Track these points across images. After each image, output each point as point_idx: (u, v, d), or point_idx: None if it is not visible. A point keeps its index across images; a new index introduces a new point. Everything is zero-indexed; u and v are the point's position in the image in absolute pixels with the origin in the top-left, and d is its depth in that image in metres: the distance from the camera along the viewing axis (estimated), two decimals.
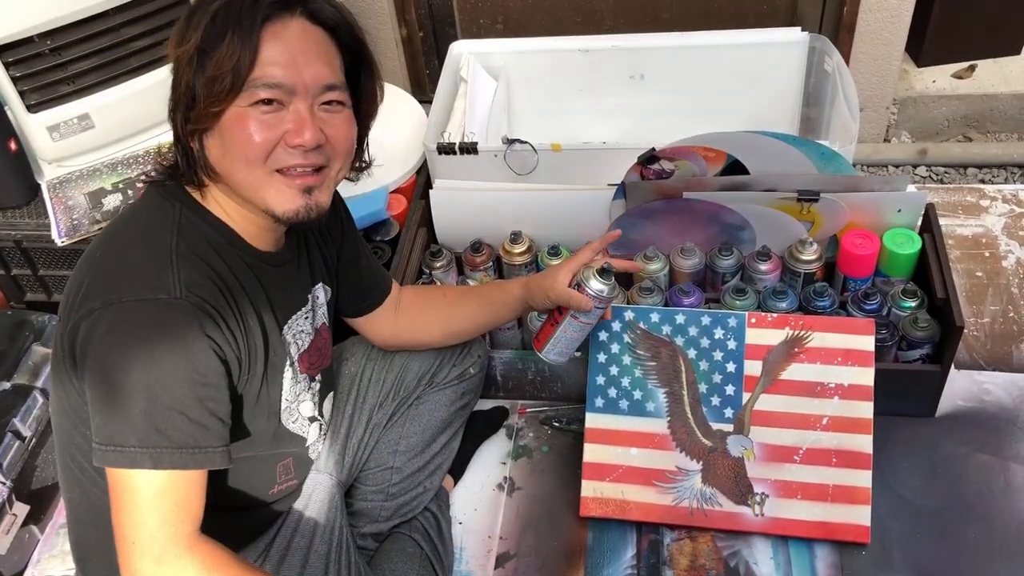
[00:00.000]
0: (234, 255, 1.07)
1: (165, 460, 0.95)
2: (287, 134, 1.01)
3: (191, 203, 1.07)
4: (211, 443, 0.98)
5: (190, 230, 1.04)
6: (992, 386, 1.66)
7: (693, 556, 1.45)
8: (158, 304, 0.96)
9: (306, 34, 1.02)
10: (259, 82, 0.98)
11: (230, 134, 1.00)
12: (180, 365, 0.96)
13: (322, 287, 1.27)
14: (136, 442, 0.94)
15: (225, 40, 0.97)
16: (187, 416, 0.96)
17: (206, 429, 0.97)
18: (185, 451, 0.96)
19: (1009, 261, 1.90)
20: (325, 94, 1.03)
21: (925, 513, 1.47)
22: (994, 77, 2.40)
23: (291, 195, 1.04)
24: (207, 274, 1.02)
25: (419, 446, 1.44)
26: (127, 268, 1.00)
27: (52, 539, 1.60)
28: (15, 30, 1.65)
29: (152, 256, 1.00)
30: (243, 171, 1.02)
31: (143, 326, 0.96)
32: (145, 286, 0.97)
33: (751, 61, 1.95)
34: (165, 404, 0.95)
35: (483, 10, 2.38)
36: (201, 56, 0.99)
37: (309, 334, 1.21)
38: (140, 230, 1.05)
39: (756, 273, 1.64)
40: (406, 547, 1.39)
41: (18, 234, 1.80)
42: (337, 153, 1.07)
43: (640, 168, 1.65)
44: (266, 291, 1.11)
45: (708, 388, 1.49)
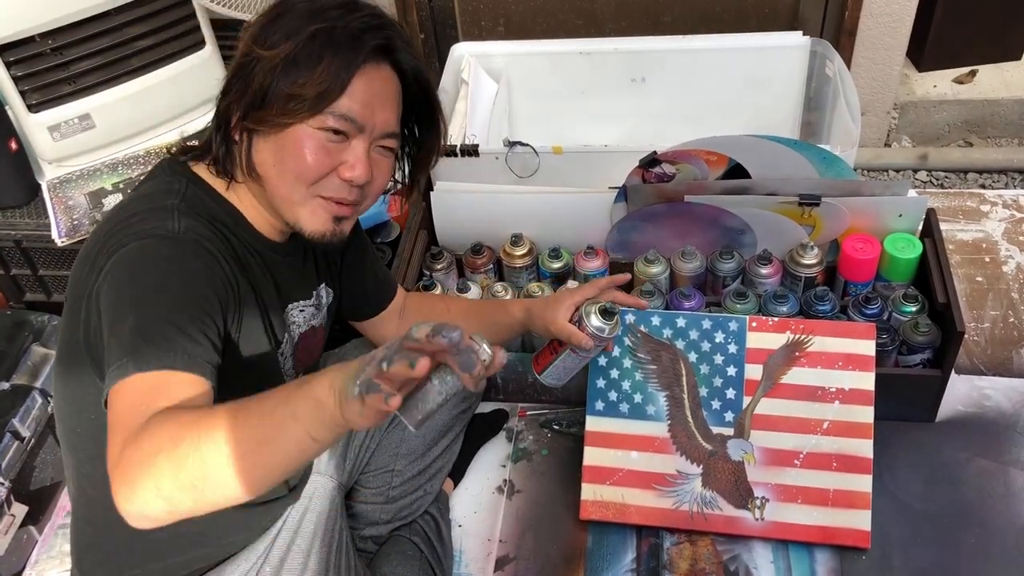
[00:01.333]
0: (238, 231, 1.09)
1: (151, 360, 0.88)
2: (342, 166, 1.05)
3: (198, 180, 1.09)
4: (202, 356, 0.92)
5: (193, 200, 1.06)
6: (992, 391, 1.66)
7: (693, 560, 1.45)
8: (155, 237, 0.98)
9: (389, 82, 1.07)
10: (337, 111, 1.02)
11: (291, 148, 1.03)
12: (173, 283, 0.95)
13: (325, 288, 1.28)
14: (121, 354, 0.88)
15: (320, 65, 1.00)
16: (177, 327, 0.91)
17: (197, 343, 0.92)
18: (174, 353, 0.89)
19: (1009, 266, 1.90)
20: (384, 140, 1.08)
21: (925, 518, 1.47)
22: (995, 82, 2.40)
23: (324, 219, 1.08)
24: (210, 228, 1.04)
25: (420, 449, 1.44)
26: (128, 224, 1.00)
27: (50, 540, 1.59)
28: (16, 30, 1.65)
29: (153, 211, 1.02)
30: (288, 185, 1.05)
31: (139, 257, 0.96)
32: (145, 232, 0.98)
33: (752, 65, 1.95)
34: (154, 316, 0.91)
35: (484, 12, 2.38)
36: (289, 67, 1.01)
37: (302, 327, 1.21)
38: (142, 198, 1.06)
39: (757, 277, 1.64)
40: (406, 550, 1.39)
41: (18, 234, 1.80)
42: (372, 193, 1.12)
43: (641, 171, 1.65)
44: (270, 273, 1.13)
45: (709, 392, 1.49)
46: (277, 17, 1.04)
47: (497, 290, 1.68)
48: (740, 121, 1.88)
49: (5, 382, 1.64)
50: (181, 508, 0.81)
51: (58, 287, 1.90)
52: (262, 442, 0.81)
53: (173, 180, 1.08)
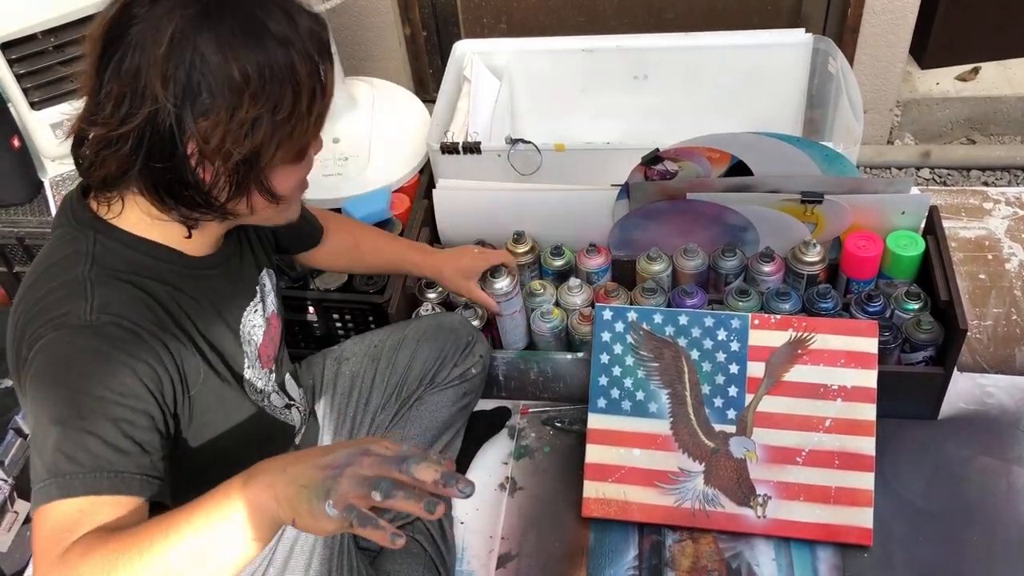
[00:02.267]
0: (164, 270, 1.01)
1: (76, 486, 0.84)
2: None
3: (104, 227, 0.99)
4: (129, 469, 0.87)
5: (106, 257, 0.98)
6: (995, 389, 1.66)
7: (695, 557, 1.45)
8: (65, 331, 0.91)
9: None
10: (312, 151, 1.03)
11: (307, 163, 1.04)
12: (92, 384, 0.88)
13: (267, 272, 1.23)
14: (45, 474, 0.84)
15: (312, 116, 0.96)
16: (101, 439, 0.86)
17: (124, 454, 0.87)
18: (100, 474, 0.84)
19: (1012, 264, 1.90)
20: None
21: (927, 515, 1.47)
22: (998, 79, 2.39)
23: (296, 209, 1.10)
24: (129, 293, 0.96)
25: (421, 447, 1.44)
26: (41, 307, 0.94)
27: None
28: (19, 27, 1.66)
29: (63, 288, 0.94)
30: (263, 214, 1.04)
31: (54, 356, 0.90)
32: (57, 319, 0.92)
33: (755, 62, 1.95)
34: (75, 427, 0.86)
35: (487, 9, 2.38)
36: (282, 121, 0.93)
37: (261, 326, 1.18)
38: (52, 267, 0.98)
39: (759, 274, 1.64)
40: (409, 548, 1.39)
41: (20, 231, 1.80)
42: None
43: (644, 169, 1.65)
44: (209, 298, 1.07)
45: (711, 389, 1.49)
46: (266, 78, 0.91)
47: None
48: (742, 118, 1.87)
49: (7, 380, 1.65)
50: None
51: None
52: (200, 557, 0.80)
53: (79, 237, 0.99)
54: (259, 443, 1.20)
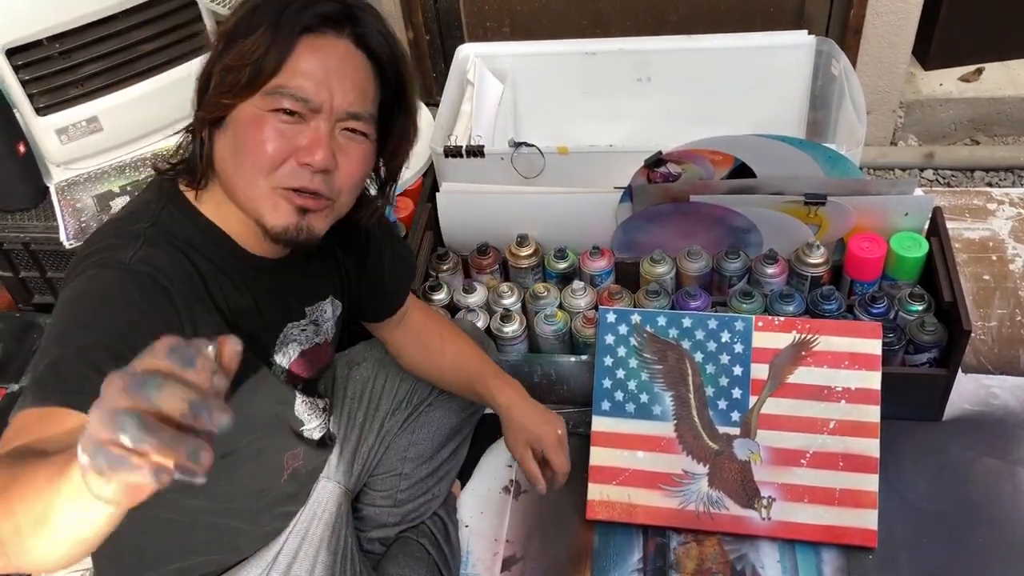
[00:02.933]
0: (215, 253, 1.01)
1: (51, 394, 0.80)
2: (300, 150, 0.96)
3: (179, 201, 1.02)
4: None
5: (168, 222, 0.99)
6: (999, 390, 1.65)
7: (700, 560, 1.45)
8: (105, 270, 0.92)
9: (347, 57, 0.98)
10: (286, 90, 0.94)
11: (243, 135, 0.96)
12: (108, 319, 0.87)
13: (331, 302, 1.21)
14: (30, 389, 0.82)
15: (256, 33, 0.93)
16: (94, 366, 0.82)
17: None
18: (80, 393, 0.78)
19: (1016, 264, 1.90)
20: (349, 121, 0.98)
21: (932, 517, 1.47)
22: (1001, 80, 2.39)
23: (286, 211, 0.98)
24: (175, 258, 0.96)
25: (428, 452, 1.44)
26: (97, 251, 0.95)
27: None
28: (24, 33, 1.66)
29: (120, 238, 0.96)
30: (246, 177, 0.97)
31: (83, 289, 0.91)
32: (99, 260, 0.93)
33: (758, 64, 1.95)
34: (74, 352, 0.84)
35: (490, 13, 2.38)
36: (228, 43, 0.94)
37: (302, 344, 1.16)
38: (117, 220, 1.02)
39: (763, 276, 1.64)
40: (413, 551, 1.39)
41: (26, 236, 1.81)
42: (343, 185, 1.01)
43: (647, 171, 1.65)
44: (254, 297, 1.06)
45: (715, 391, 1.49)
46: (240, 4, 0.98)
47: (503, 291, 1.68)
48: (745, 120, 1.88)
49: (15, 384, 1.65)
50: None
51: None
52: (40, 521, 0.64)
53: (152, 200, 1.02)
54: (278, 451, 1.19)
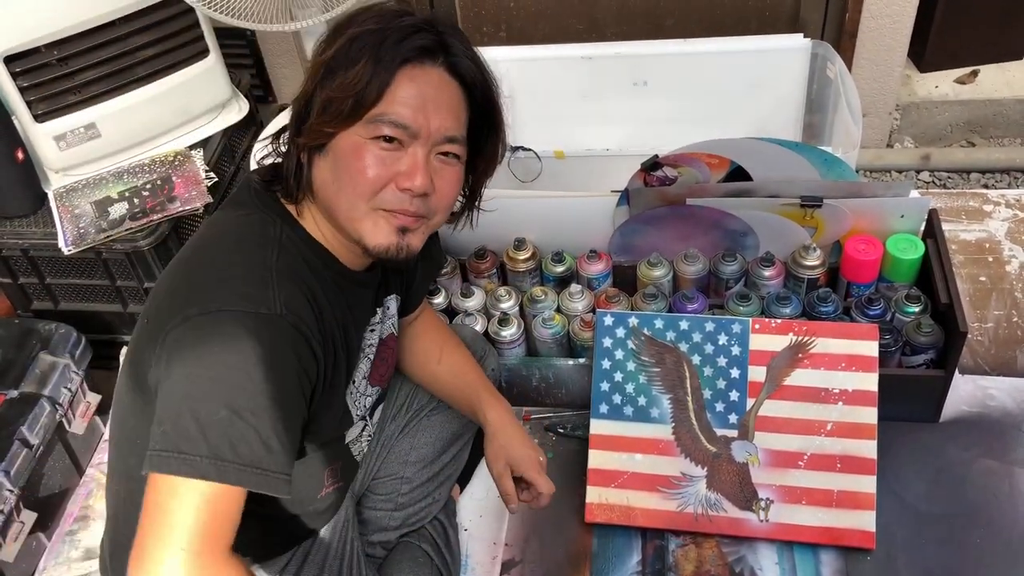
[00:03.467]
0: (326, 276, 1.06)
1: (231, 475, 0.90)
2: (399, 175, 1.01)
3: (290, 220, 1.06)
4: (273, 468, 0.93)
5: (289, 248, 1.03)
6: (996, 391, 1.66)
7: (698, 562, 1.45)
8: (258, 318, 0.94)
9: (441, 84, 1.03)
10: (386, 117, 0.99)
11: (344, 161, 1.00)
12: (270, 384, 0.92)
13: (395, 298, 1.26)
14: (207, 452, 0.89)
15: (357, 66, 0.97)
16: (260, 436, 0.92)
17: (272, 453, 0.93)
18: (250, 470, 0.91)
19: (1013, 266, 1.90)
20: (444, 145, 1.04)
21: (930, 518, 1.47)
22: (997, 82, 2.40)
23: (387, 231, 1.03)
24: (303, 293, 1.00)
25: (430, 456, 1.44)
26: (226, 278, 0.97)
27: (58, 547, 1.60)
28: (23, 40, 1.67)
29: (252, 269, 0.98)
30: (347, 201, 1.01)
31: (240, 338, 0.92)
32: (245, 298, 0.95)
33: (754, 67, 1.96)
34: (245, 420, 0.91)
35: (486, 18, 2.39)
36: (328, 73, 0.99)
37: (374, 346, 1.21)
38: (239, 240, 1.03)
39: (760, 279, 1.65)
40: (417, 556, 1.39)
41: (25, 243, 1.81)
42: (440, 205, 1.07)
43: (643, 175, 1.65)
44: (351, 311, 1.10)
45: (712, 394, 1.49)
46: (337, 28, 1.02)
47: (501, 294, 1.69)
48: (741, 124, 1.88)
49: (14, 390, 1.65)
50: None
51: (65, 295, 1.91)
52: None
53: (267, 220, 1.04)
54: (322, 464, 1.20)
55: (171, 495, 0.90)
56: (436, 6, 2.38)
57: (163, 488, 0.90)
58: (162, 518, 0.89)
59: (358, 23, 1.01)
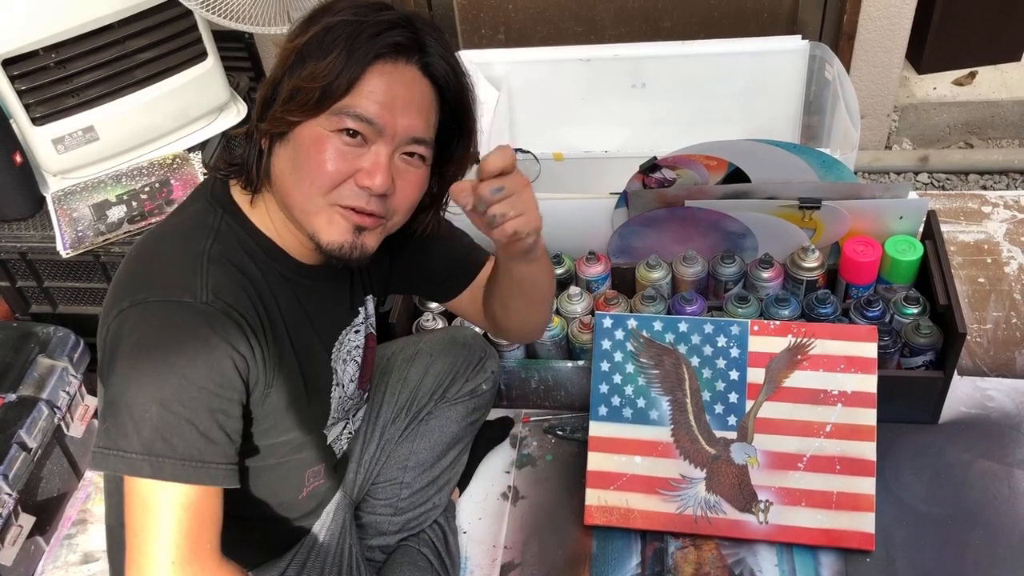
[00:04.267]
0: (272, 268, 1.04)
1: (166, 470, 0.91)
2: (360, 173, 0.98)
3: (235, 211, 1.04)
4: (216, 459, 0.93)
5: (228, 236, 1.02)
6: (995, 392, 1.66)
7: (698, 564, 1.45)
8: (182, 306, 0.94)
9: (413, 83, 1.00)
10: (351, 111, 0.96)
11: (304, 152, 0.98)
12: (198, 373, 0.92)
13: (371, 299, 1.25)
14: (140, 448, 0.90)
15: (330, 56, 0.95)
16: (196, 428, 0.92)
17: (213, 444, 0.93)
18: (188, 463, 0.91)
19: (1011, 267, 1.91)
20: (410, 145, 1.01)
21: (929, 520, 1.47)
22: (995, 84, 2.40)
23: (342, 229, 1.00)
24: (239, 282, 0.99)
25: (429, 461, 1.44)
26: (157, 269, 0.98)
27: (56, 550, 1.60)
28: (20, 44, 1.67)
29: (183, 258, 0.98)
30: (304, 193, 0.99)
31: (165, 328, 0.93)
32: (172, 287, 0.95)
33: (752, 69, 1.96)
34: (175, 412, 0.91)
35: (485, 20, 2.39)
36: (298, 60, 0.97)
37: (360, 347, 1.20)
38: (177, 232, 1.03)
39: (758, 281, 1.65)
40: (417, 561, 1.39)
41: (23, 246, 1.81)
42: (399, 207, 1.03)
43: (642, 176, 1.65)
44: (305, 309, 1.08)
45: (711, 396, 1.49)
46: (312, 15, 1.00)
47: None
48: (740, 125, 1.89)
49: (12, 393, 1.65)
50: None
51: (63, 299, 1.91)
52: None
53: (210, 210, 1.04)
54: (301, 465, 1.19)
55: (145, 508, 0.91)
56: (434, 9, 2.39)
57: (137, 501, 0.92)
58: (144, 534, 0.91)
59: (335, 12, 0.98)
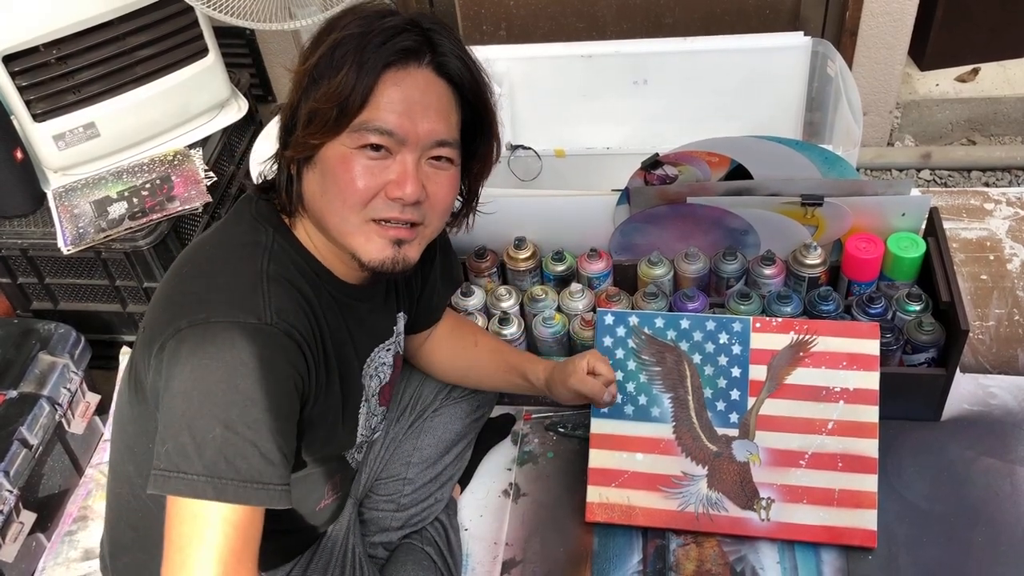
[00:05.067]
0: (320, 287, 1.04)
1: (229, 492, 0.89)
2: (389, 185, 0.98)
3: (283, 230, 1.04)
4: (274, 480, 0.92)
5: (281, 256, 1.01)
6: (998, 389, 1.66)
7: (699, 561, 1.45)
8: (247, 328, 0.92)
9: (428, 86, 0.99)
10: (371, 126, 0.96)
11: (332, 173, 0.98)
12: (263, 396, 0.91)
13: (403, 316, 1.25)
14: (202, 470, 0.89)
15: (340, 73, 0.94)
16: (258, 449, 0.91)
17: (272, 465, 0.92)
18: (250, 485, 0.90)
19: (1014, 264, 1.90)
20: (435, 149, 1.00)
21: (931, 517, 1.47)
22: (997, 80, 2.40)
23: (381, 245, 1.01)
24: (296, 300, 0.98)
25: (432, 458, 1.45)
26: (216, 288, 0.96)
27: (58, 547, 1.60)
28: (22, 40, 1.67)
29: (243, 277, 0.97)
30: (338, 214, 0.99)
31: (231, 350, 0.91)
32: (235, 308, 0.93)
33: (754, 66, 1.95)
34: (240, 434, 0.90)
35: (486, 16, 2.39)
36: (311, 82, 0.96)
37: (390, 366, 1.20)
38: (230, 249, 1.02)
39: (760, 277, 1.64)
40: (420, 559, 1.39)
41: (24, 242, 1.81)
42: (435, 212, 1.04)
43: (644, 173, 1.65)
44: (348, 327, 1.08)
45: (713, 393, 1.49)
46: (319, 34, 0.99)
47: (501, 293, 1.68)
48: (742, 122, 1.88)
49: (13, 390, 1.65)
50: None
51: (64, 295, 1.91)
52: None
53: (259, 228, 1.03)
54: (323, 479, 1.19)
55: (193, 523, 0.89)
56: (436, 5, 2.38)
57: (184, 516, 0.90)
58: (188, 549, 0.89)
59: (340, 27, 0.97)
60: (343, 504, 1.31)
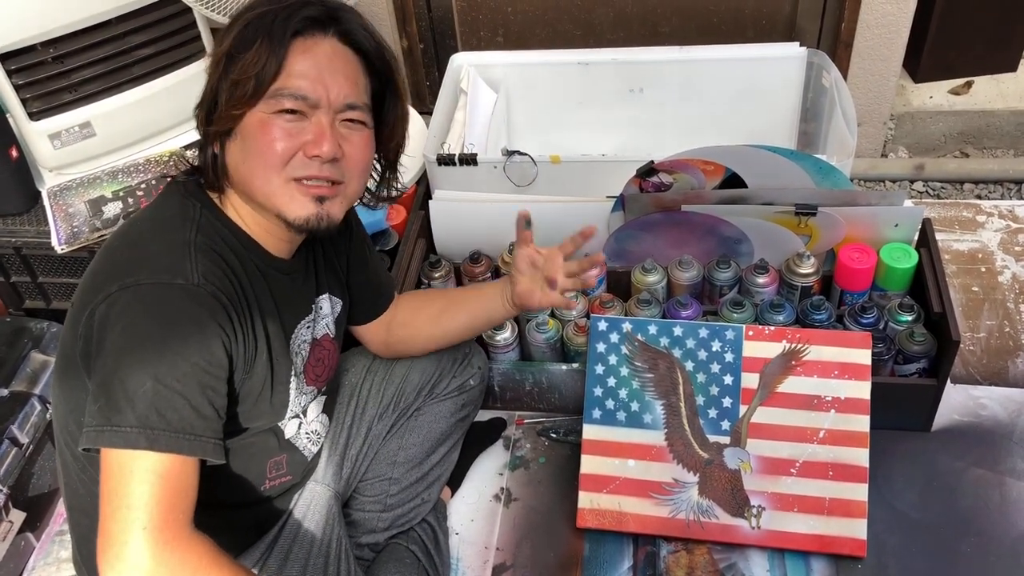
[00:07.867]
0: (247, 258, 1.10)
1: (161, 442, 0.94)
2: (306, 144, 1.05)
3: (210, 204, 1.10)
4: (206, 433, 0.98)
5: (208, 228, 1.07)
6: (988, 400, 1.66)
7: (689, 568, 1.45)
8: (174, 287, 0.99)
9: (335, 53, 1.07)
10: (285, 92, 1.03)
11: (252, 139, 1.05)
12: (192, 350, 0.97)
13: (328, 298, 1.28)
14: (135, 422, 0.93)
15: (253, 47, 1.02)
16: (188, 402, 0.96)
17: (204, 418, 0.98)
18: (182, 436, 0.95)
19: (1005, 276, 1.91)
20: (347, 112, 1.08)
21: (921, 527, 1.48)
22: (991, 93, 2.41)
23: (303, 202, 1.07)
24: (223, 268, 1.05)
25: (418, 457, 1.45)
26: (145, 255, 1.02)
27: (47, 547, 1.59)
28: (18, 38, 1.66)
29: (170, 245, 1.03)
30: (261, 177, 1.06)
31: (159, 308, 0.97)
32: (163, 271, 1.00)
33: (750, 75, 1.96)
34: (170, 387, 0.95)
35: (483, 22, 2.39)
36: (228, 60, 1.04)
37: (308, 343, 1.22)
38: (159, 223, 1.08)
39: (754, 286, 1.65)
40: (403, 557, 1.39)
41: (18, 241, 1.80)
42: (352, 170, 1.11)
43: (639, 181, 1.66)
44: (274, 298, 1.13)
45: (705, 400, 1.49)
46: (230, 23, 1.07)
47: None
48: (737, 131, 1.89)
49: (4, 388, 1.65)
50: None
51: (57, 294, 1.90)
52: None
53: (187, 204, 1.09)
54: (263, 454, 1.21)
55: (121, 475, 0.93)
56: (433, 11, 2.39)
57: (114, 469, 0.93)
58: (118, 500, 0.92)
59: (251, 8, 1.06)
60: (299, 488, 1.31)
